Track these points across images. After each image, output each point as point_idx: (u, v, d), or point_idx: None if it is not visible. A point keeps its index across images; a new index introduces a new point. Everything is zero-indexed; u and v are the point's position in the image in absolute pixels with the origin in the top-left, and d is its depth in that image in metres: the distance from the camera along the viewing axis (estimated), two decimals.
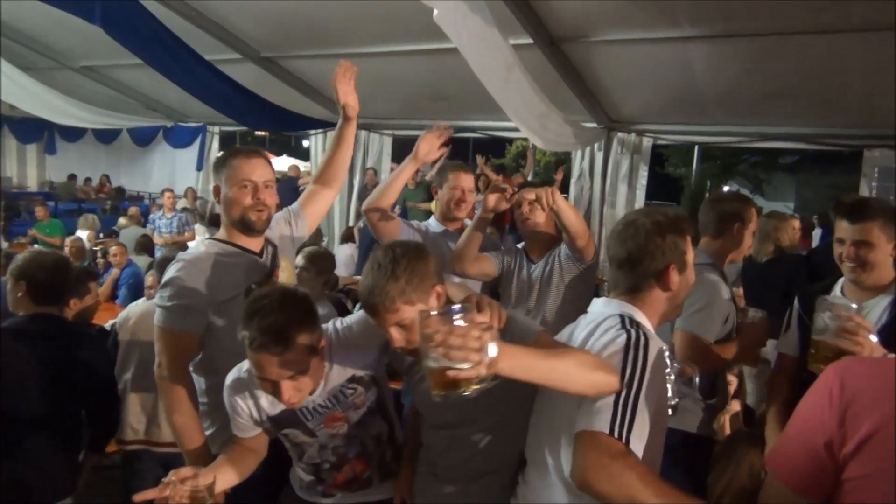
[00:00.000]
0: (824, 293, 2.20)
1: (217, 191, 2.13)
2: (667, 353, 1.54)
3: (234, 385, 1.82)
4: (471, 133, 7.60)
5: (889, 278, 2.13)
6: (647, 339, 1.43)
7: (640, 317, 1.55)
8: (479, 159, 10.81)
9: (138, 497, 1.56)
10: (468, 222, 2.79)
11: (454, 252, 2.65)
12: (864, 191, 5.61)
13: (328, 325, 1.84)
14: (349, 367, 1.81)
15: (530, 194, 2.31)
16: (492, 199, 2.49)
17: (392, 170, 8.66)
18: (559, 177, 8.03)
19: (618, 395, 1.34)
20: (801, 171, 25.97)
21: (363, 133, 8.28)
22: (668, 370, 1.53)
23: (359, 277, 6.24)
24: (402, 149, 10.02)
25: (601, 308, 1.60)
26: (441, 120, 7.42)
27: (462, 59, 3.65)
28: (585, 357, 1.38)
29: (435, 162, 2.83)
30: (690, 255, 1.59)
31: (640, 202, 6.62)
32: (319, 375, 1.75)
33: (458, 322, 1.18)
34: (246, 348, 1.61)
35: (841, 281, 2.24)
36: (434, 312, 1.21)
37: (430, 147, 2.63)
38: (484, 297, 1.63)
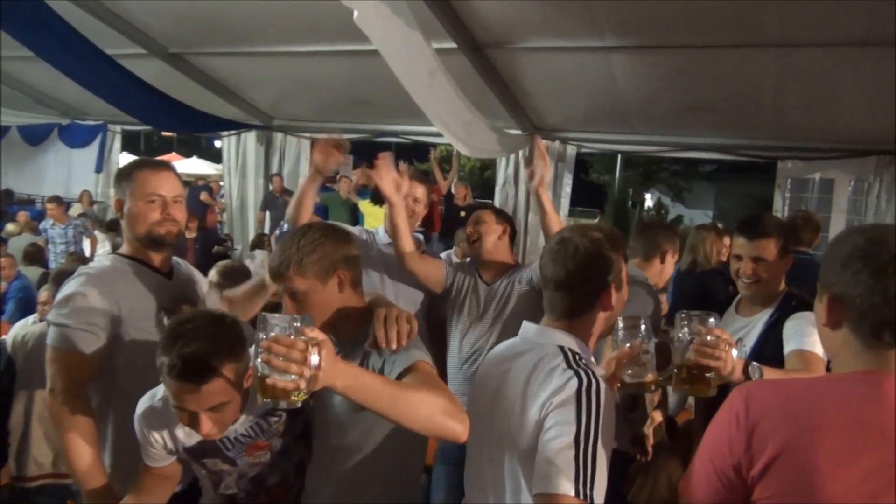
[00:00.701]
0: (723, 308, 2.36)
1: (119, 204, 2.04)
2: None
3: (145, 414, 1.74)
4: (393, 138, 7.59)
5: (779, 294, 2.27)
6: (598, 381, 1.41)
7: (582, 347, 1.55)
8: (403, 166, 10.80)
9: None
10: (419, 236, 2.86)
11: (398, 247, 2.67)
12: (778, 201, 5.95)
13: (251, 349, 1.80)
14: None
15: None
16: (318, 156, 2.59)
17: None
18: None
19: (576, 448, 1.33)
20: (719, 180, 27.33)
21: (279, 136, 8.14)
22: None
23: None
24: None
25: (536, 337, 1.59)
26: (362, 124, 7.41)
27: (384, 62, 3.65)
28: (438, 400, 1.39)
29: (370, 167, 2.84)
30: (625, 271, 1.62)
31: (564, 210, 6.77)
32: (242, 404, 1.68)
33: (290, 331, 1.21)
34: (163, 375, 1.53)
35: (738, 297, 2.38)
36: (275, 316, 1.24)
37: (324, 157, 2.61)
38: (396, 310, 1.65)
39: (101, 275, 1.97)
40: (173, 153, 18.40)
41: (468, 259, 3.03)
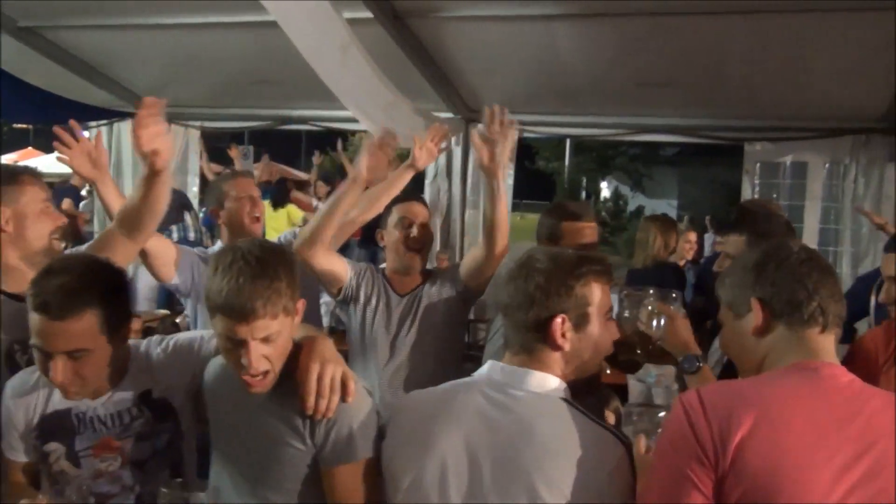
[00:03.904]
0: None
1: None
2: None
3: (17, 384, 1.83)
4: (302, 125, 7.52)
5: None
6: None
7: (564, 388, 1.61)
8: (317, 157, 10.72)
9: None
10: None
11: (308, 232, 2.64)
12: (747, 188, 6.15)
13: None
14: (147, 380, 1.83)
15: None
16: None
17: (203, 169, 8.40)
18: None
19: None
20: (682, 164, 28.12)
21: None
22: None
23: (164, 312, 5.98)
24: (213, 143, 9.74)
25: (520, 384, 1.58)
26: (264, 109, 7.29)
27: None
28: None
29: None
30: (599, 307, 1.63)
31: (507, 203, 6.82)
32: (112, 374, 1.78)
33: None
34: (29, 312, 1.66)
35: None
36: None
37: (374, 159, 2.69)
38: (330, 368, 1.68)
39: None
40: (29, 148, 17.69)
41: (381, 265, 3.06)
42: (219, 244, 3.04)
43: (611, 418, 2.88)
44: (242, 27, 5.43)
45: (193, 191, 8.09)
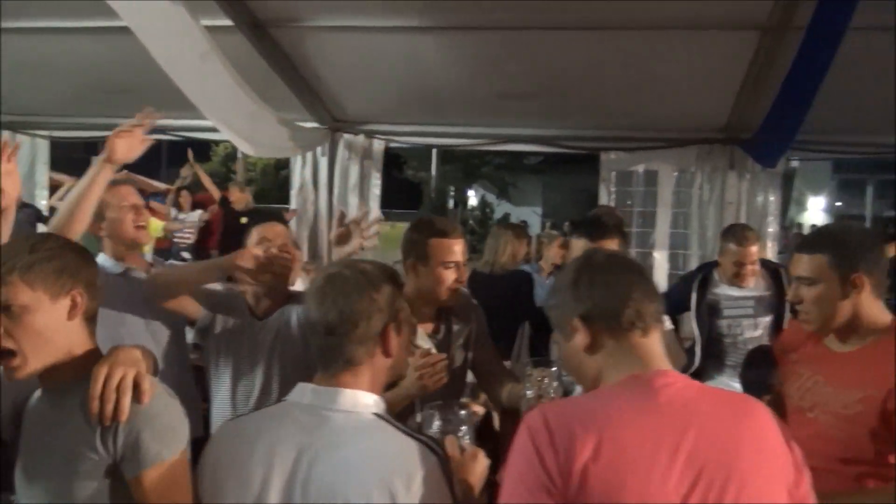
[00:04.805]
0: (530, 310, 2.62)
1: None
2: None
3: None
4: (162, 135, 7.24)
5: None
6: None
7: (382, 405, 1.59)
8: (186, 168, 10.34)
9: None
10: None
11: (167, 273, 2.55)
12: (604, 195, 6.42)
13: None
14: None
15: None
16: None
17: (51, 183, 7.98)
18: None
19: None
20: (546, 173, 29.04)
21: (5, 133, 7.46)
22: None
23: None
24: (64, 154, 9.23)
25: (329, 403, 1.56)
26: (120, 118, 6.97)
27: None
28: None
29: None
30: (406, 311, 1.67)
31: (375, 213, 6.84)
32: None
33: None
34: None
35: None
36: None
37: (129, 144, 2.54)
38: (121, 369, 1.57)
39: None
40: None
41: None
42: (102, 257, 2.84)
43: (481, 411, 2.94)
44: (94, 32, 5.18)
45: (42, 203, 7.67)
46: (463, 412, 1.88)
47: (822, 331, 2.19)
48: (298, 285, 3.05)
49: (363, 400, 1.56)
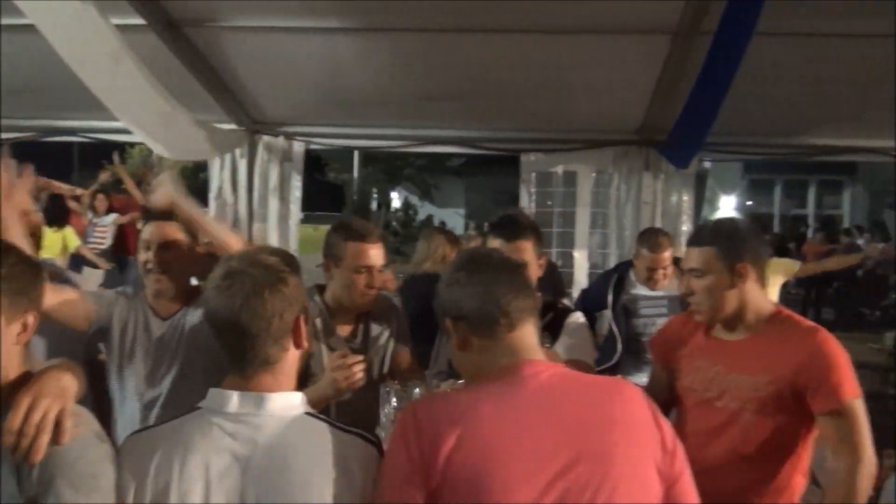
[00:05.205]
0: None
1: None
2: None
3: None
4: (71, 136, 7.00)
5: None
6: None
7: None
8: (105, 173, 9.98)
9: None
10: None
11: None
12: (524, 196, 6.52)
13: None
14: None
15: None
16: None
17: None
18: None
19: None
20: (468, 174, 29.26)
21: None
22: None
23: None
24: None
25: (254, 409, 1.50)
26: (26, 119, 6.71)
27: None
28: None
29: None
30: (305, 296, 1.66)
31: (295, 216, 6.77)
32: None
33: None
34: None
35: None
36: None
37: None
38: (45, 403, 1.46)
39: None
40: None
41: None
42: None
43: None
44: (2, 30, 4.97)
45: None
46: (417, 391, 1.95)
47: (713, 320, 2.31)
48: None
49: (291, 401, 1.54)
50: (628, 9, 4.34)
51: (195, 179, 25.24)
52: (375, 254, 2.62)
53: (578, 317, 2.74)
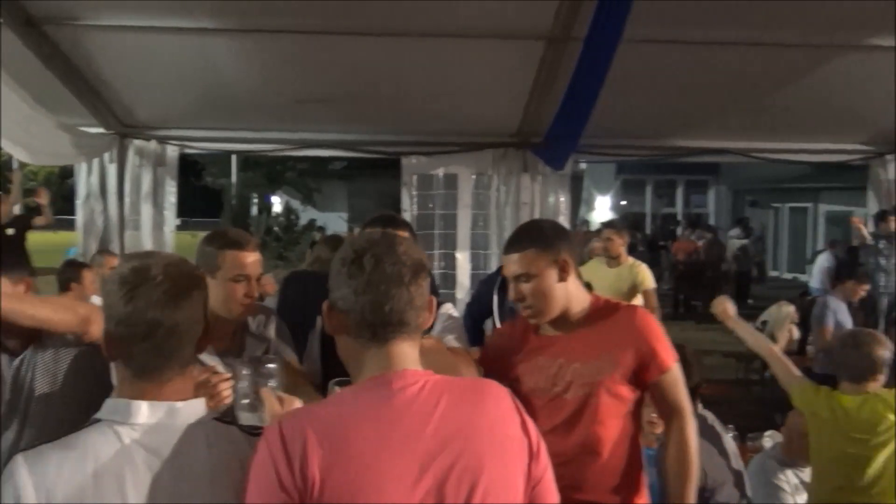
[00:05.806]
0: None
1: None
2: None
3: None
4: None
5: None
6: None
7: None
8: None
9: None
10: None
11: None
12: (406, 199, 6.54)
13: None
14: None
15: None
16: None
17: None
18: (42, 199, 7.52)
19: None
20: (350, 178, 29.07)
21: None
22: None
23: None
24: None
25: (150, 418, 1.42)
26: None
27: None
28: None
29: None
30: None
31: (170, 222, 6.54)
32: None
33: None
34: None
35: None
36: None
37: None
38: None
39: None
40: None
41: None
42: None
43: None
44: None
45: None
46: (272, 365, 1.93)
47: (548, 319, 2.33)
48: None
49: (199, 408, 1.49)
50: (503, 14, 4.44)
51: (61, 185, 24.03)
52: (253, 262, 2.54)
53: (449, 307, 2.80)
